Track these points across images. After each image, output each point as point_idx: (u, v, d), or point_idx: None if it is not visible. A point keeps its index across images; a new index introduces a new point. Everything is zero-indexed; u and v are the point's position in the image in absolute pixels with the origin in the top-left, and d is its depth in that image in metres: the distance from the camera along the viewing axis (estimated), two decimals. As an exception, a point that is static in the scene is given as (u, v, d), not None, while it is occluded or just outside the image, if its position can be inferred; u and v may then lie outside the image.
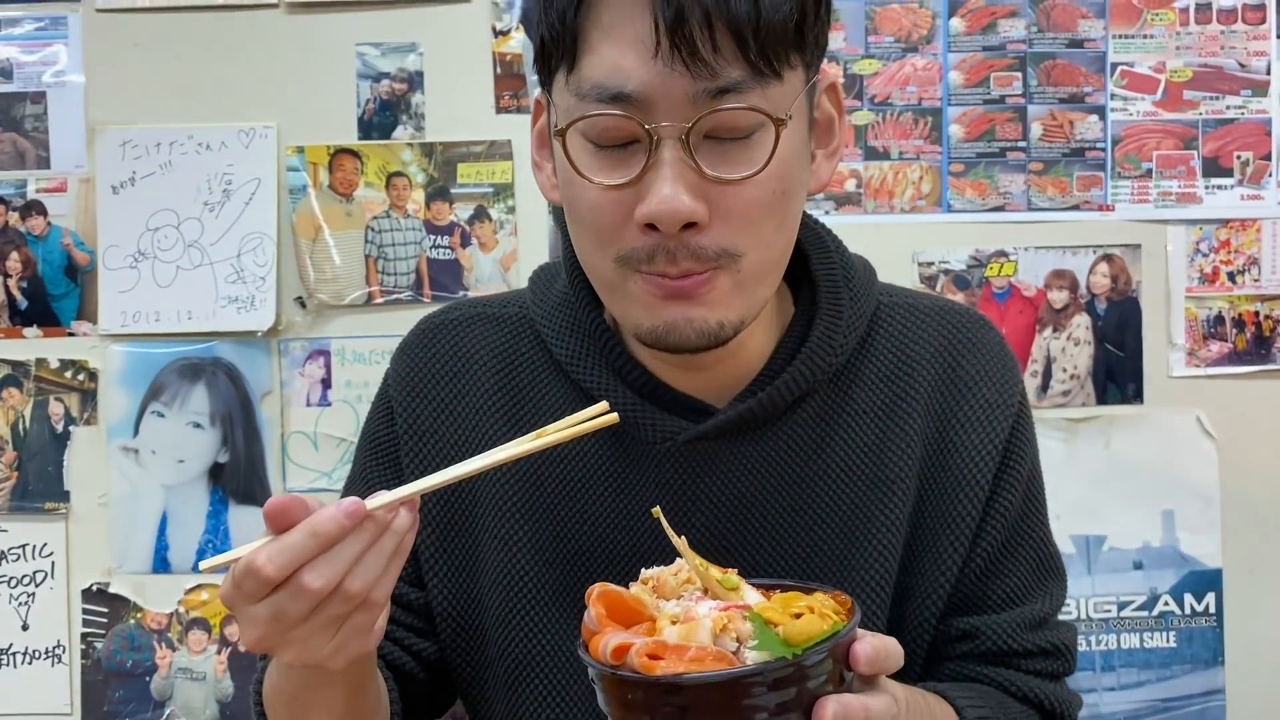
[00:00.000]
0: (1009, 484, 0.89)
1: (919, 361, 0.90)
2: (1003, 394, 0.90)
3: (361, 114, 1.86)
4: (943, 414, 0.89)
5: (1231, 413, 1.84)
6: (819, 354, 0.86)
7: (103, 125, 1.86)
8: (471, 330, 0.94)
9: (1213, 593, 1.84)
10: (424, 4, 1.84)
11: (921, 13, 1.85)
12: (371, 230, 1.86)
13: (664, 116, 0.73)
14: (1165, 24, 1.84)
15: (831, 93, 0.84)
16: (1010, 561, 0.90)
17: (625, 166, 0.75)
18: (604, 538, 0.88)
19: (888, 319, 0.91)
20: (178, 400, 1.86)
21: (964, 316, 0.93)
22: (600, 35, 0.74)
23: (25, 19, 1.87)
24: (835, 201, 1.85)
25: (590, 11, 0.74)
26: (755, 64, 0.73)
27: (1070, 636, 0.93)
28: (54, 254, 1.87)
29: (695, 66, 0.71)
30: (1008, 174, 1.85)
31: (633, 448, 0.87)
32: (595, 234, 0.79)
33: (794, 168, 0.78)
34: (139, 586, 1.86)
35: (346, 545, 0.67)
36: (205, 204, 1.85)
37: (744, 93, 0.73)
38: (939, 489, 0.88)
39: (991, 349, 0.92)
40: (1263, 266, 1.85)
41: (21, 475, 1.87)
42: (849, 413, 0.88)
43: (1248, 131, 1.85)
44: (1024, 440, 0.91)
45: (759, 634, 0.61)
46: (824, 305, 0.87)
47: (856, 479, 0.87)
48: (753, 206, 0.76)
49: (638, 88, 0.73)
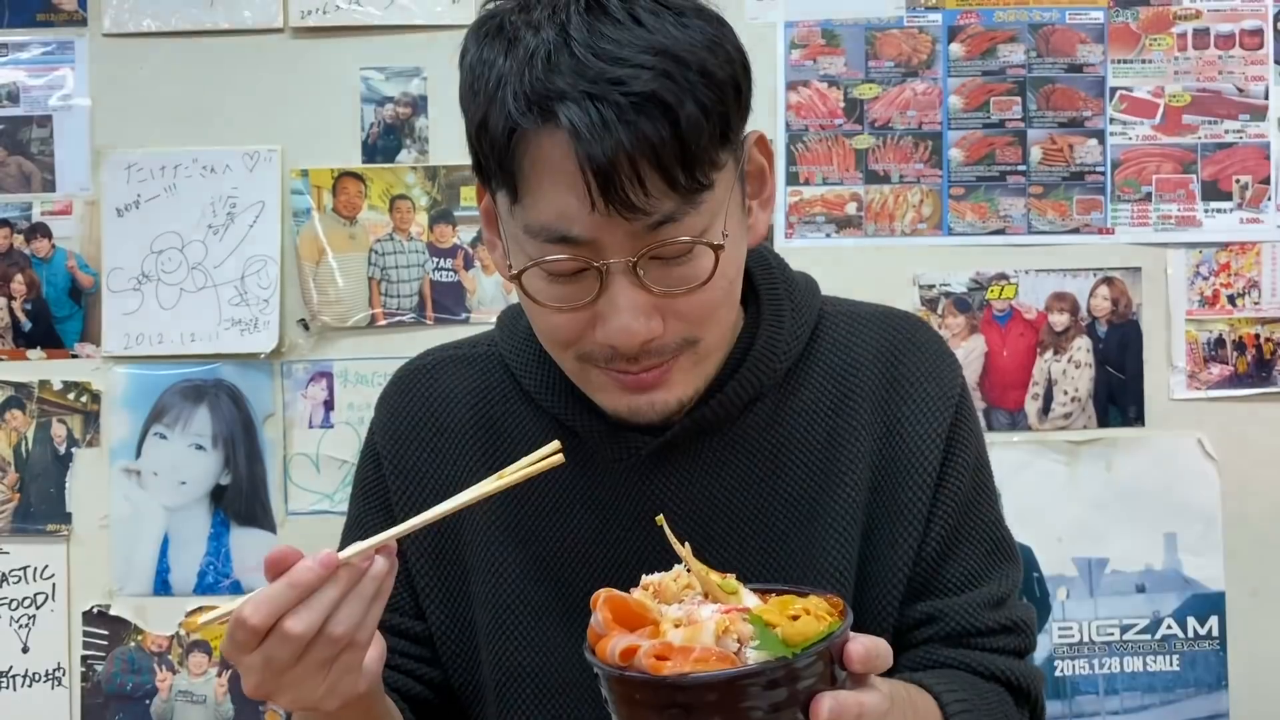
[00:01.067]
0: (955, 471, 0.94)
1: (862, 362, 0.95)
2: (942, 388, 0.95)
3: (366, 138, 1.87)
4: (888, 409, 0.94)
5: (1232, 435, 1.85)
6: (764, 359, 0.91)
7: (108, 148, 1.87)
8: (445, 373, 1.00)
9: (1216, 615, 1.84)
10: (428, 29, 1.86)
11: (921, 37, 1.86)
12: (375, 253, 1.86)
13: (610, 253, 0.78)
14: (1163, 49, 1.86)
15: (760, 144, 0.87)
16: (963, 545, 0.94)
17: (578, 288, 0.80)
18: (583, 554, 0.93)
19: (831, 325, 0.96)
20: (180, 422, 1.86)
21: (904, 320, 0.99)
22: (537, 176, 0.78)
23: (33, 43, 1.88)
24: (836, 225, 1.85)
25: (522, 154, 0.77)
26: (687, 190, 0.77)
27: (1029, 615, 0.97)
28: (58, 276, 1.88)
29: (631, 213, 0.75)
30: (1008, 197, 1.86)
31: (602, 466, 0.92)
32: (556, 342, 0.85)
33: (736, 255, 0.84)
34: (140, 609, 1.86)
35: (324, 592, 0.72)
36: (209, 227, 1.86)
37: (679, 220, 0.77)
38: (889, 480, 0.93)
39: (930, 347, 0.97)
40: (1263, 289, 1.86)
41: (23, 497, 1.87)
42: (798, 413, 0.93)
43: (1246, 155, 1.86)
44: (966, 430, 0.96)
45: (759, 635, 0.64)
46: (767, 314, 0.93)
47: (810, 474, 0.92)
48: (704, 305, 0.82)
49: (582, 232, 0.77)
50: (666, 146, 0.75)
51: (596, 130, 0.74)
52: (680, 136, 0.75)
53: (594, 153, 0.74)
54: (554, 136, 0.76)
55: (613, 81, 0.74)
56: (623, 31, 0.75)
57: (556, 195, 0.77)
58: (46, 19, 1.88)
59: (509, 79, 0.77)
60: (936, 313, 1.85)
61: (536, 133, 0.76)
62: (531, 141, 0.77)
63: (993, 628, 0.93)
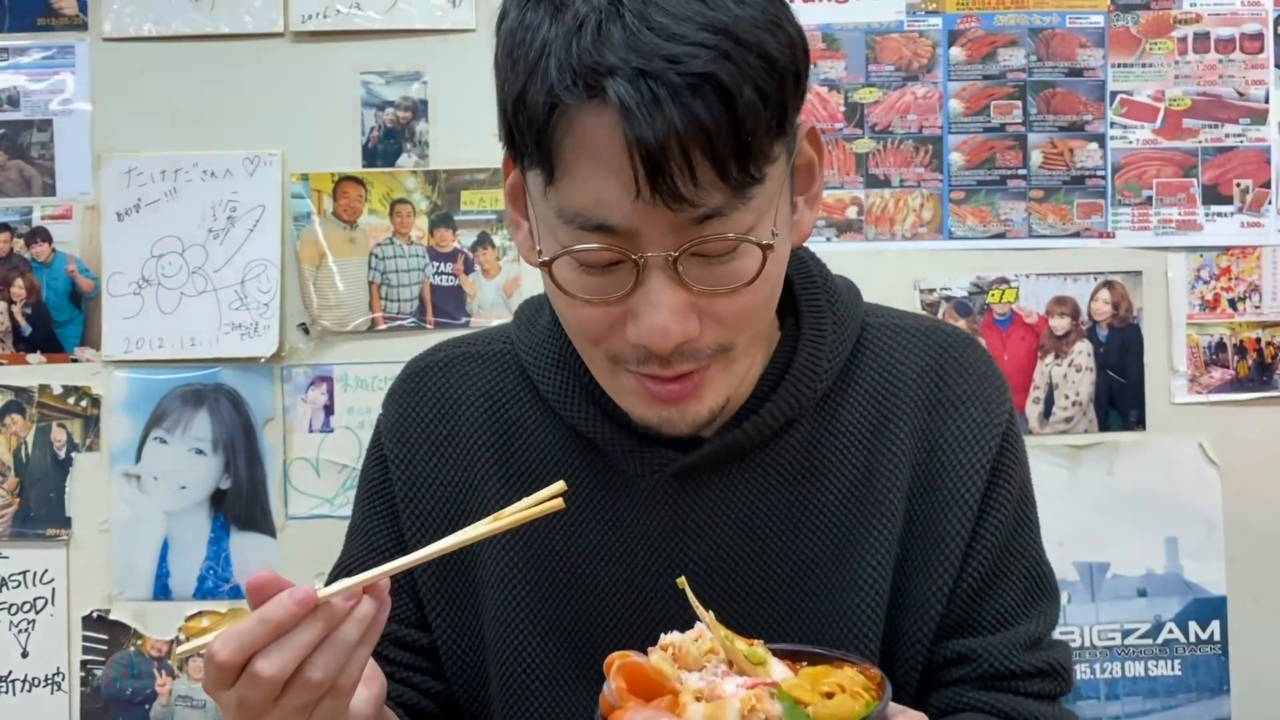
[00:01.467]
0: (998, 503, 0.88)
1: (905, 382, 0.89)
2: (990, 413, 0.89)
3: (366, 142, 1.87)
4: (930, 434, 0.88)
5: (1234, 440, 1.84)
6: (803, 379, 0.85)
7: (109, 153, 1.87)
8: (458, 370, 0.94)
9: (1217, 620, 1.84)
10: (428, 33, 1.86)
11: (922, 42, 1.86)
12: (375, 257, 1.86)
13: (649, 246, 0.72)
14: (1164, 53, 1.86)
15: (811, 136, 0.81)
16: (1003, 581, 0.89)
17: (613, 281, 0.74)
18: (598, 571, 0.88)
19: (874, 340, 0.90)
20: (180, 426, 1.86)
21: (950, 337, 0.92)
22: (577, 157, 0.71)
23: (33, 48, 1.88)
24: (836, 229, 1.85)
25: (566, 134, 0.71)
26: (739, 184, 0.71)
27: (1066, 655, 0.92)
28: (58, 280, 1.88)
29: (677, 203, 0.70)
30: (1008, 201, 1.86)
31: (623, 480, 0.86)
32: (584, 337, 0.79)
33: (781, 256, 0.79)
34: (139, 613, 1.86)
35: (299, 633, 0.66)
36: (210, 231, 1.86)
37: (727, 216, 0.72)
38: (928, 509, 0.87)
39: (978, 369, 0.91)
40: (1264, 293, 1.86)
41: (23, 501, 1.87)
42: (836, 435, 0.87)
43: (1247, 159, 1.86)
44: (1013, 459, 0.90)
45: (789, 715, 0.59)
46: (807, 330, 0.87)
47: (846, 501, 0.87)
48: (745, 310, 0.76)
49: (621, 221, 0.71)
50: (721, 133, 0.69)
51: (648, 109, 0.67)
52: (736, 124, 0.69)
53: (644, 134, 0.67)
54: (599, 115, 0.69)
55: (668, 59, 0.68)
56: (680, 4, 0.69)
57: (597, 179, 0.71)
58: (47, 23, 1.88)
59: (553, 48, 0.70)
60: (937, 316, 1.85)
61: (580, 110, 0.70)
62: (574, 119, 0.70)
63: (1028, 671, 0.88)
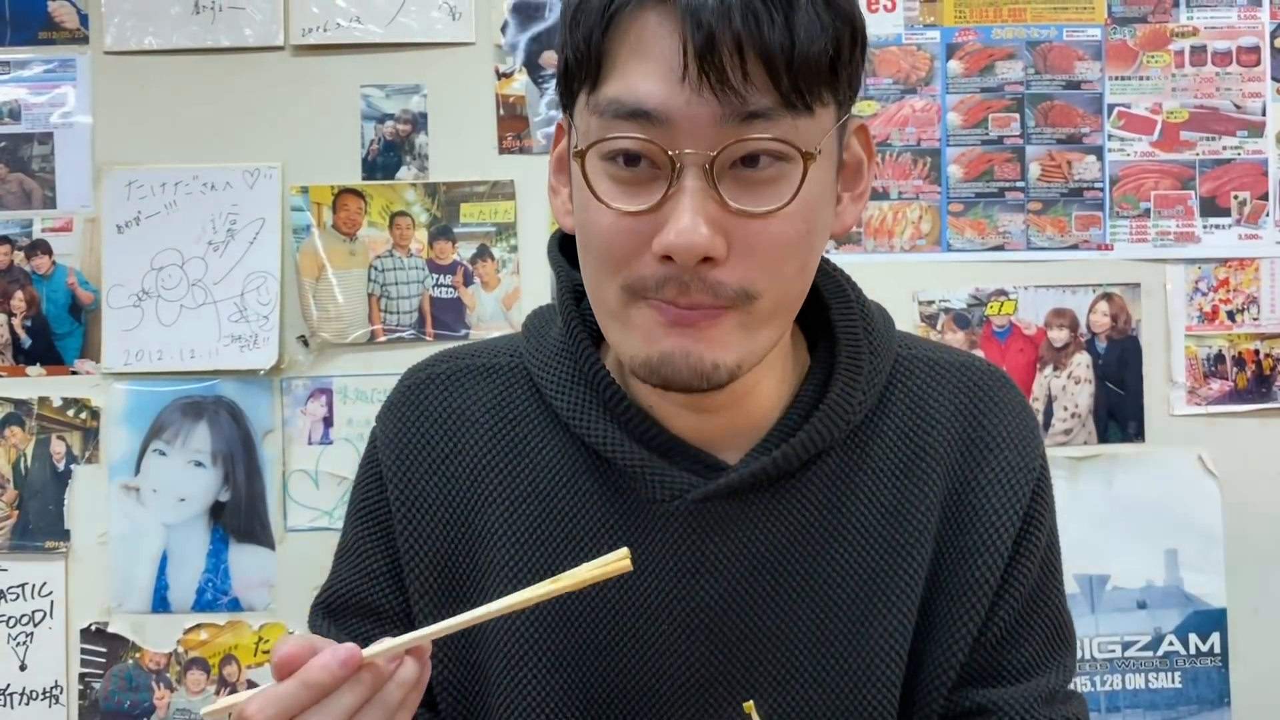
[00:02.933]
0: (1028, 551, 0.85)
1: (938, 419, 0.85)
2: (1025, 457, 0.86)
3: (366, 154, 1.87)
4: (963, 475, 0.85)
5: (1233, 451, 1.84)
6: (838, 411, 0.81)
7: (109, 165, 1.87)
8: (461, 384, 0.88)
9: (1218, 632, 1.83)
10: (428, 47, 1.86)
11: (920, 55, 1.87)
12: (375, 269, 1.87)
13: (687, 142, 0.69)
14: (1161, 66, 1.86)
15: (861, 134, 0.80)
16: (1027, 630, 0.86)
17: (645, 193, 0.71)
18: (610, 599, 0.83)
19: (907, 373, 0.87)
20: (179, 438, 1.86)
21: (985, 374, 0.89)
22: (627, 55, 0.70)
23: (34, 61, 1.89)
24: (835, 241, 1.86)
25: (618, 33, 0.71)
26: (786, 95, 0.69)
27: (1083, 709, 0.89)
28: (58, 293, 1.88)
29: (723, 93, 0.68)
30: (1007, 213, 1.86)
31: (640, 504, 0.81)
32: (606, 260, 0.74)
33: (819, 207, 0.75)
34: (138, 626, 1.85)
35: (342, 695, 0.64)
36: (209, 243, 1.86)
37: (773, 120, 0.69)
38: (957, 553, 0.84)
39: (1014, 409, 0.88)
40: (1262, 305, 1.86)
41: (22, 514, 1.87)
42: (866, 471, 0.84)
43: (1244, 171, 1.86)
44: (1045, 505, 0.87)
45: None
46: (844, 359, 0.83)
47: (873, 541, 0.83)
48: (776, 243, 0.72)
49: (659, 106, 0.69)
50: (776, 31, 0.67)
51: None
52: (792, 29, 0.68)
53: (698, 11, 0.67)
54: (659, 13, 0.69)
55: None
56: None
57: (643, 69, 0.69)
58: (49, 37, 1.89)
59: None
60: (936, 329, 1.85)
61: (637, 10, 0.70)
62: (631, 22, 0.70)
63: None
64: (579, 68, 0.73)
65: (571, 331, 0.85)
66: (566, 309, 0.85)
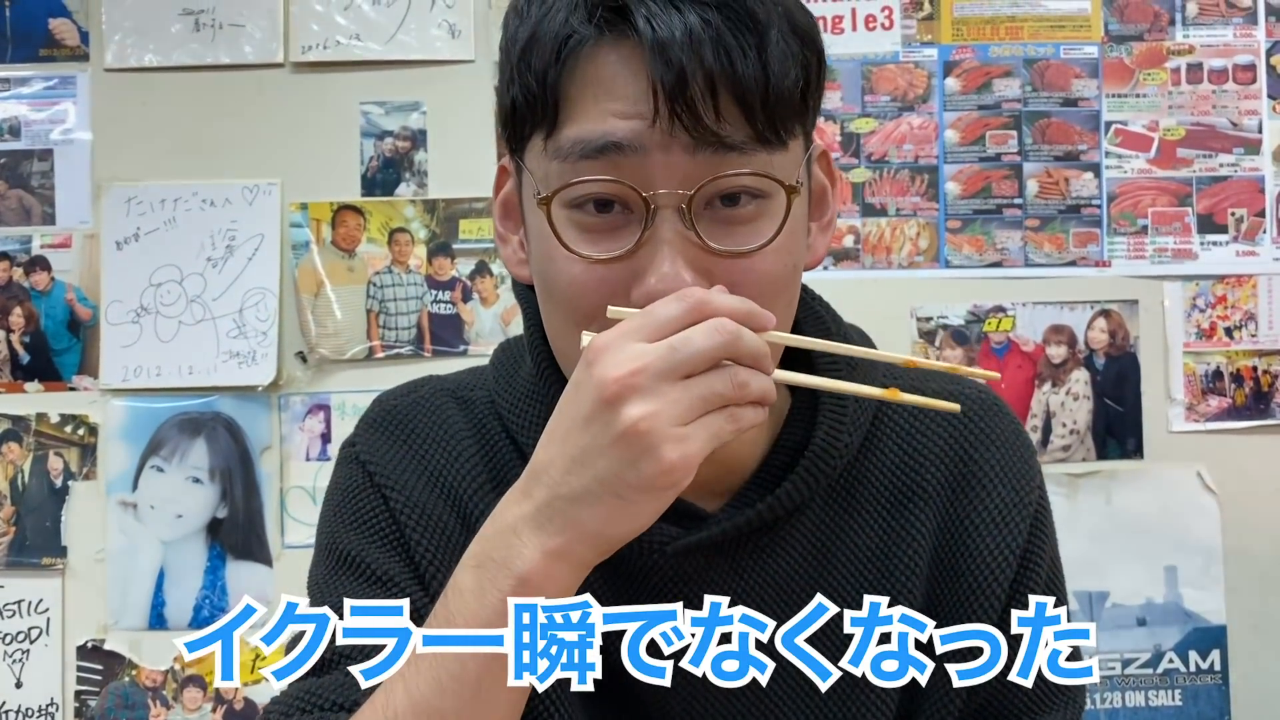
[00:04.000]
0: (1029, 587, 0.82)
1: (928, 456, 0.82)
2: (1020, 492, 0.82)
3: (365, 171, 1.88)
4: (955, 514, 0.81)
5: (1232, 468, 1.84)
6: (823, 458, 0.77)
7: (109, 182, 1.88)
8: (442, 408, 0.84)
9: (1218, 650, 1.83)
10: (427, 64, 1.87)
11: (917, 73, 1.88)
12: (373, 285, 1.87)
13: (661, 182, 0.65)
14: (1157, 84, 1.87)
15: (823, 161, 0.77)
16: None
17: (616, 238, 0.67)
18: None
19: (894, 408, 0.82)
20: (177, 455, 1.86)
21: (976, 403, 0.84)
22: (589, 95, 0.66)
23: (35, 78, 1.89)
24: (834, 257, 1.86)
25: (575, 71, 0.66)
26: (761, 131, 0.66)
27: None
28: (57, 309, 1.88)
29: (697, 130, 0.65)
30: (1004, 230, 1.87)
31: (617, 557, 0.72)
32: (574, 312, 0.69)
33: (801, 240, 0.72)
34: (134, 643, 1.84)
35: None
36: (208, 259, 1.87)
37: (748, 155, 0.66)
38: (952, 595, 0.80)
39: (1007, 439, 0.84)
40: (1259, 322, 1.86)
41: (19, 530, 1.87)
42: (853, 515, 0.80)
43: (1241, 189, 1.87)
44: (1043, 539, 0.84)
45: None
46: (828, 401, 0.78)
47: (860, 585, 0.79)
48: (763, 282, 0.68)
49: (629, 137, 0.65)
50: (750, 68, 0.64)
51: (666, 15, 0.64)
52: (765, 63, 0.65)
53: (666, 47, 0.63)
54: (617, 49, 0.65)
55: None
56: None
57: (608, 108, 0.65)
58: (50, 54, 1.90)
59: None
60: (934, 345, 1.85)
61: (594, 48, 0.66)
62: (586, 58, 0.66)
63: None
64: (530, 109, 0.68)
65: (542, 374, 0.80)
66: (536, 349, 0.80)
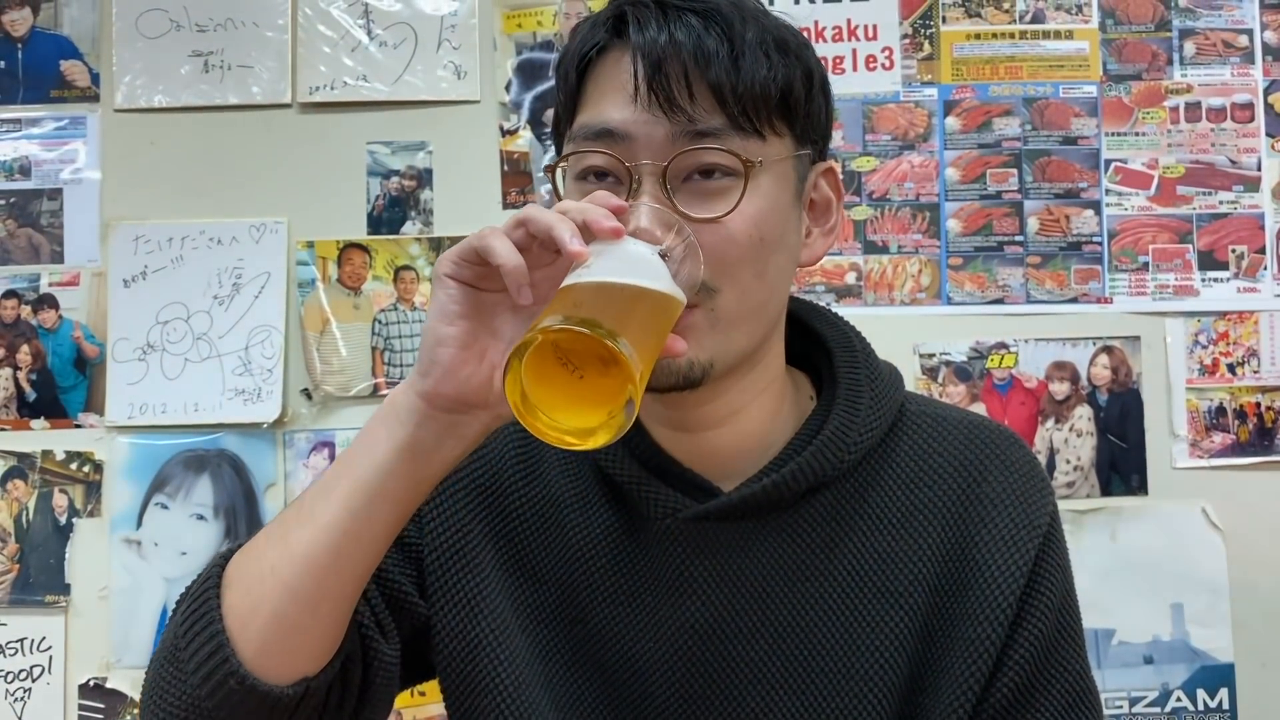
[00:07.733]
0: (1038, 610, 0.83)
1: (941, 472, 0.87)
2: (1029, 514, 0.85)
3: (371, 209, 1.89)
4: (963, 530, 0.85)
5: (1237, 504, 1.84)
6: (831, 446, 0.84)
7: (117, 220, 1.89)
8: None
9: (1225, 687, 1.82)
10: (434, 104, 1.89)
11: (918, 112, 1.89)
12: (379, 323, 1.88)
13: (644, 155, 0.77)
14: (1156, 122, 1.89)
15: (829, 176, 0.87)
16: (1041, 697, 0.83)
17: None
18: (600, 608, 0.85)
19: (912, 426, 0.89)
20: (182, 492, 1.86)
21: (992, 432, 0.90)
22: (595, 89, 0.81)
23: (46, 119, 1.92)
24: (836, 294, 1.87)
25: (589, 73, 0.81)
26: (734, 118, 0.77)
27: None
28: (64, 347, 1.89)
29: (672, 113, 0.77)
30: (1006, 267, 1.88)
31: (636, 521, 0.85)
32: None
33: (774, 222, 0.80)
34: (137, 681, 1.84)
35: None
36: (215, 297, 1.88)
37: (722, 138, 0.77)
38: (957, 609, 0.83)
39: (1020, 466, 0.88)
40: (1262, 358, 1.87)
41: (23, 567, 1.86)
42: (863, 516, 0.85)
43: (1241, 226, 1.88)
44: (1054, 564, 0.85)
45: None
46: (841, 401, 0.86)
47: (864, 584, 0.84)
48: (727, 246, 0.78)
49: (619, 124, 0.78)
50: (720, 58, 0.77)
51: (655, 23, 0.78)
52: (736, 57, 0.77)
53: (649, 47, 0.77)
54: (620, 50, 0.79)
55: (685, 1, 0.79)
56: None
57: (607, 98, 0.79)
58: (61, 95, 1.92)
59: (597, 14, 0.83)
60: (937, 381, 1.86)
61: (605, 52, 0.80)
62: (597, 61, 0.81)
63: None
64: (563, 109, 0.84)
65: None
66: None
